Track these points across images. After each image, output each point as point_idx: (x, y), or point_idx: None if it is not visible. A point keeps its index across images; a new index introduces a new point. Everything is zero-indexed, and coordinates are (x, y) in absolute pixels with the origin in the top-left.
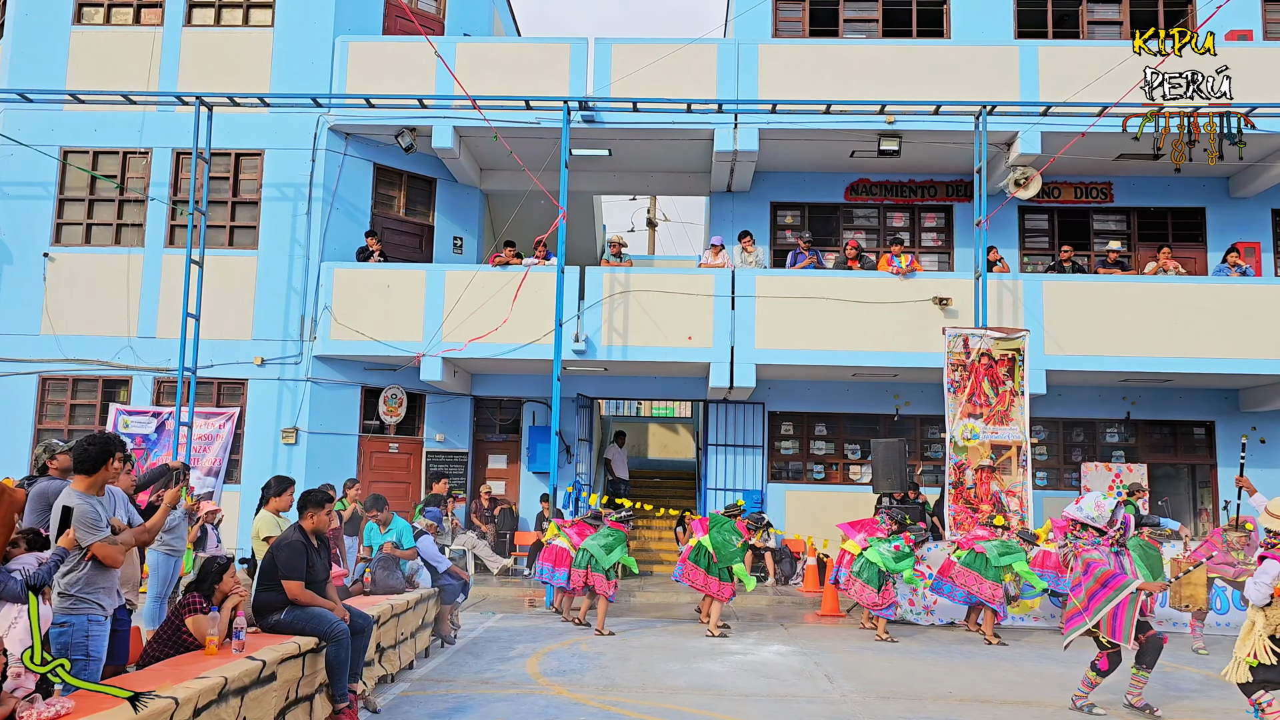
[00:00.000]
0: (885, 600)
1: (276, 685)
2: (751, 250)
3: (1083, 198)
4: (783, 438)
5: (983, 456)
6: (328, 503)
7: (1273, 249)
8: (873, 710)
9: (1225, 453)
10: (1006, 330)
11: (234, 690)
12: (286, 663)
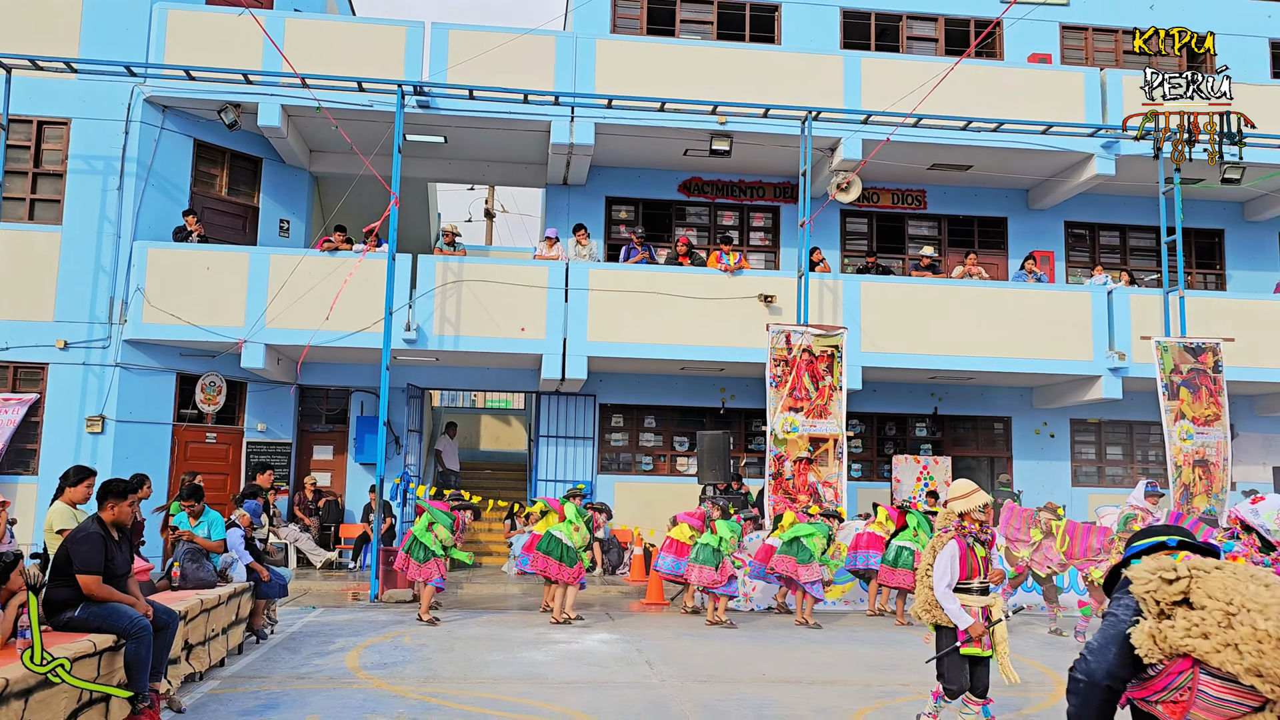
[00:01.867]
0: (723, 577)
1: (67, 686)
2: (586, 243)
3: (899, 204)
4: (613, 429)
5: (801, 449)
6: (130, 493)
7: (1064, 258)
8: (690, 694)
9: (1020, 445)
10: (826, 328)
11: (16, 693)
12: (80, 662)
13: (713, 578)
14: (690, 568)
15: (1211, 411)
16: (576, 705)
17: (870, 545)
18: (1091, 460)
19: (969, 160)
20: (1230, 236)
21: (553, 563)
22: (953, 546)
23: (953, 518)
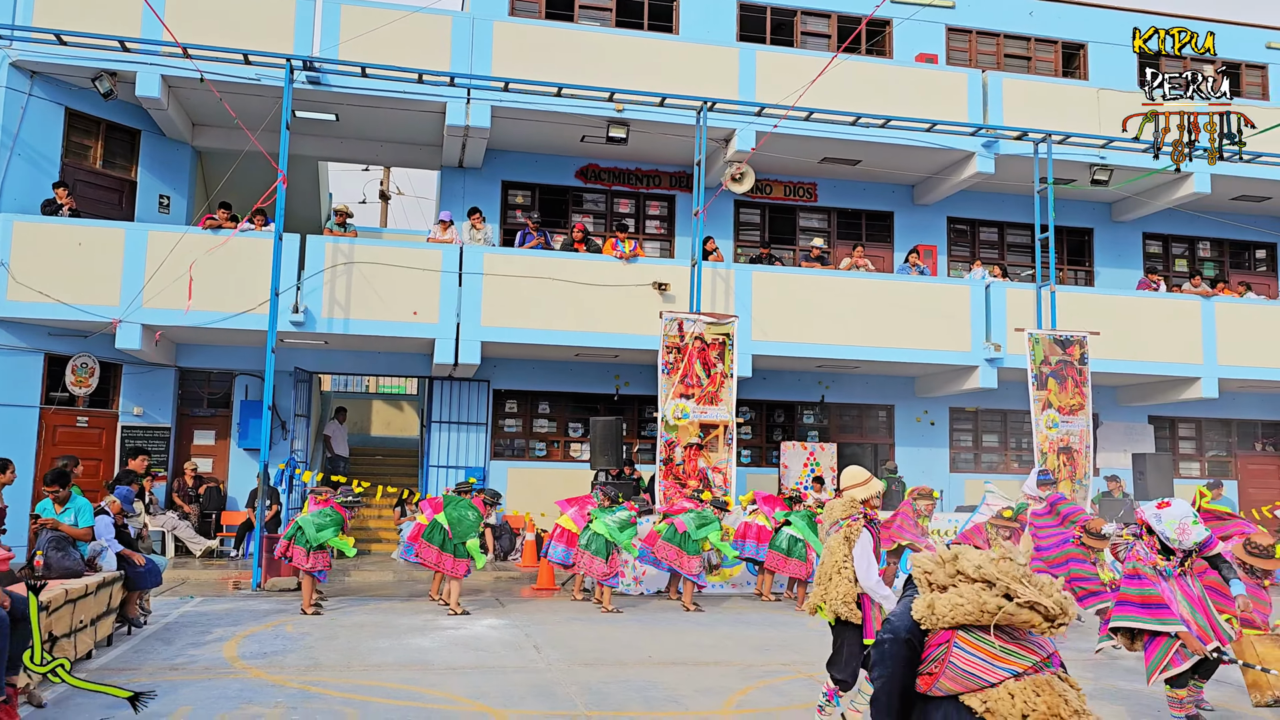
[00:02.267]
0: (613, 569)
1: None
2: (481, 227)
3: (791, 196)
4: (507, 415)
5: (692, 435)
6: None
7: (946, 252)
8: (576, 677)
9: (902, 433)
10: (718, 316)
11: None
12: None
13: (602, 569)
14: (580, 555)
15: (1076, 401)
16: (461, 690)
17: (758, 536)
18: (969, 447)
19: (858, 155)
20: (1099, 235)
21: (445, 557)
22: (867, 536)
23: (856, 506)
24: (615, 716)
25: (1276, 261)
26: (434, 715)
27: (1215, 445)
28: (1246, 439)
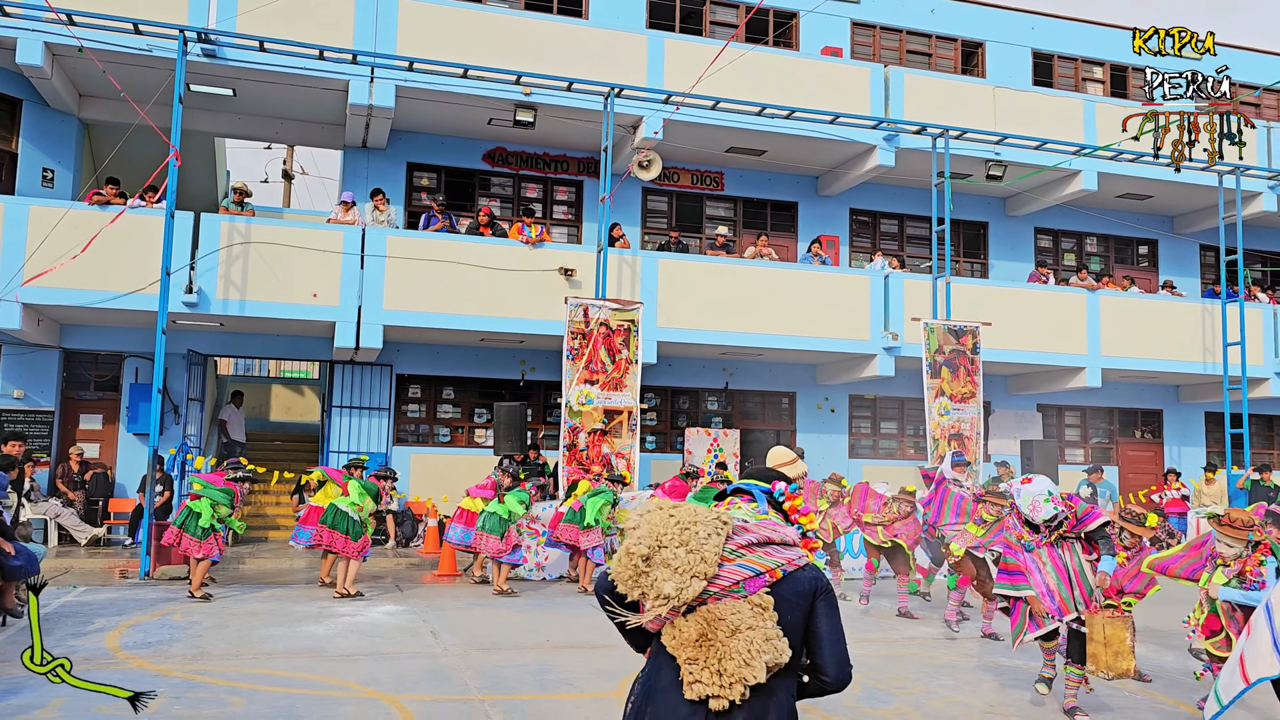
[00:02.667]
0: (508, 545)
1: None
2: (384, 209)
3: (698, 184)
4: (410, 401)
5: (596, 420)
6: None
7: (849, 243)
8: (472, 661)
9: (804, 419)
10: (624, 302)
11: None
12: None
13: (497, 546)
14: (478, 536)
15: (968, 389)
16: (354, 677)
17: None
18: (867, 433)
19: (764, 145)
20: (994, 229)
21: (338, 536)
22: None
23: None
24: (509, 700)
25: (1158, 257)
26: (324, 702)
27: (1098, 433)
28: (1127, 427)
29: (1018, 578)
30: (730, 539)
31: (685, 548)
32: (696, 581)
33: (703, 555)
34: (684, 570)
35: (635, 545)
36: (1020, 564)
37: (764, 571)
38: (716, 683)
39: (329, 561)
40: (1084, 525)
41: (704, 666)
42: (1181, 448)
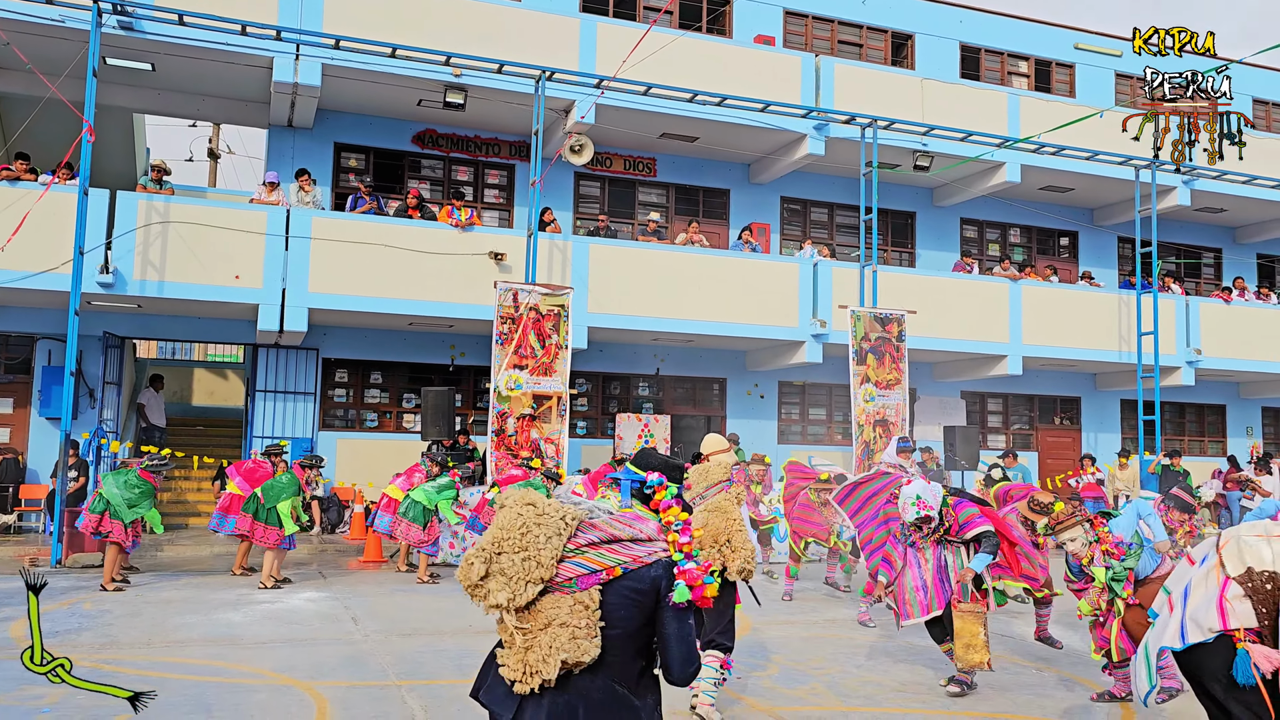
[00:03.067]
0: (430, 537)
1: None
2: (309, 190)
3: (630, 170)
4: (336, 385)
5: (525, 406)
6: None
7: (779, 230)
8: (392, 647)
9: (734, 405)
10: (553, 287)
11: None
12: None
13: (419, 536)
14: (398, 522)
15: (893, 376)
16: (269, 664)
17: None
18: (796, 419)
19: (696, 132)
20: (921, 219)
21: (257, 525)
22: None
23: (730, 470)
24: (427, 685)
25: (1078, 249)
26: (236, 690)
27: (1019, 419)
28: (1047, 413)
29: (886, 566)
30: (573, 538)
31: (523, 554)
32: (531, 587)
33: (539, 560)
34: (518, 578)
35: (475, 555)
36: (899, 556)
37: (600, 569)
38: (519, 672)
39: (245, 550)
40: (964, 533)
41: (513, 653)
42: (1098, 434)
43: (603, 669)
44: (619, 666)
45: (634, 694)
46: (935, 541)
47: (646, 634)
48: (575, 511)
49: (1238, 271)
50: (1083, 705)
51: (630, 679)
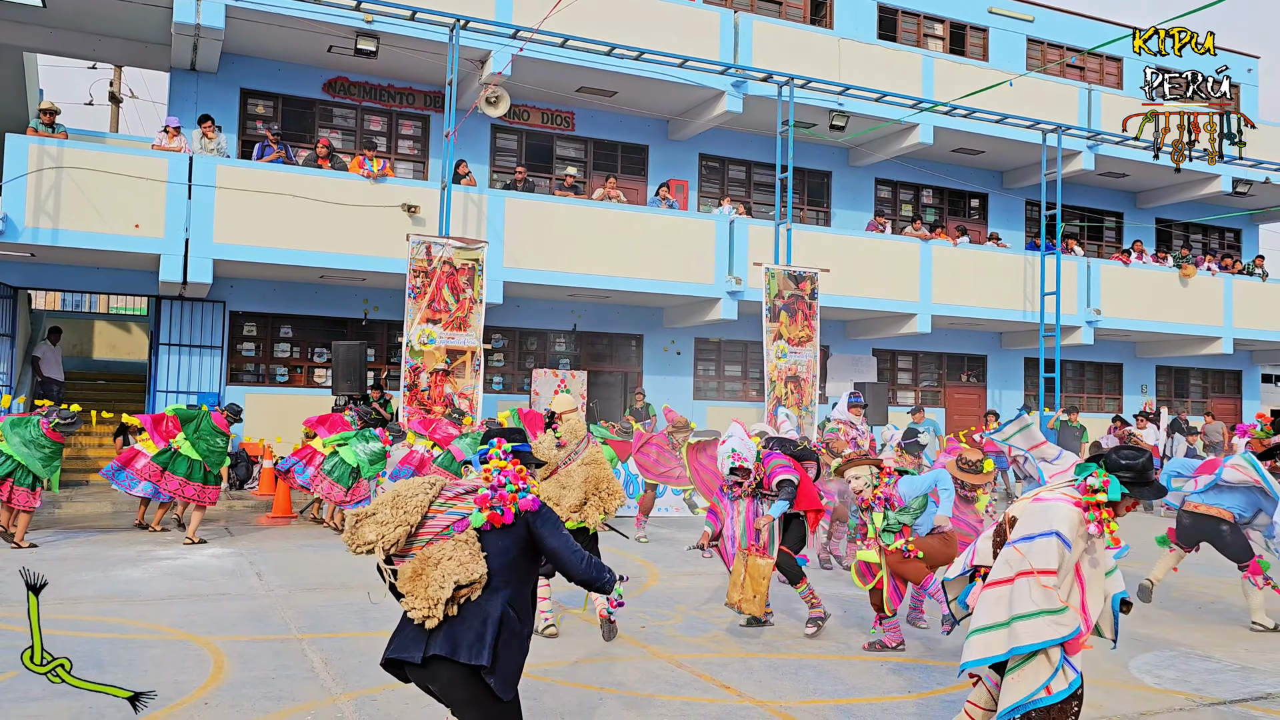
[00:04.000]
0: (354, 498)
1: None
2: (213, 136)
3: (548, 124)
4: (245, 339)
5: (438, 360)
6: None
7: (697, 187)
8: (295, 602)
9: (650, 362)
10: (468, 241)
11: None
12: None
13: (340, 497)
14: (320, 478)
15: (805, 333)
16: (167, 620)
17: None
18: (712, 376)
19: (614, 87)
20: (836, 178)
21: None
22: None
23: (584, 424)
24: (329, 638)
25: (987, 211)
26: (130, 646)
27: (928, 376)
28: (954, 371)
29: (711, 516)
30: (441, 494)
31: (394, 508)
32: (399, 529)
33: (405, 509)
34: (387, 522)
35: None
36: (720, 508)
37: (466, 513)
38: (425, 606)
39: (144, 507)
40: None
41: (415, 595)
42: (1002, 391)
43: (495, 593)
44: (511, 592)
45: (521, 619)
46: (751, 495)
47: (525, 562)
48: (441, 480)
49: (1137, 235)
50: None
51: (521, 604)
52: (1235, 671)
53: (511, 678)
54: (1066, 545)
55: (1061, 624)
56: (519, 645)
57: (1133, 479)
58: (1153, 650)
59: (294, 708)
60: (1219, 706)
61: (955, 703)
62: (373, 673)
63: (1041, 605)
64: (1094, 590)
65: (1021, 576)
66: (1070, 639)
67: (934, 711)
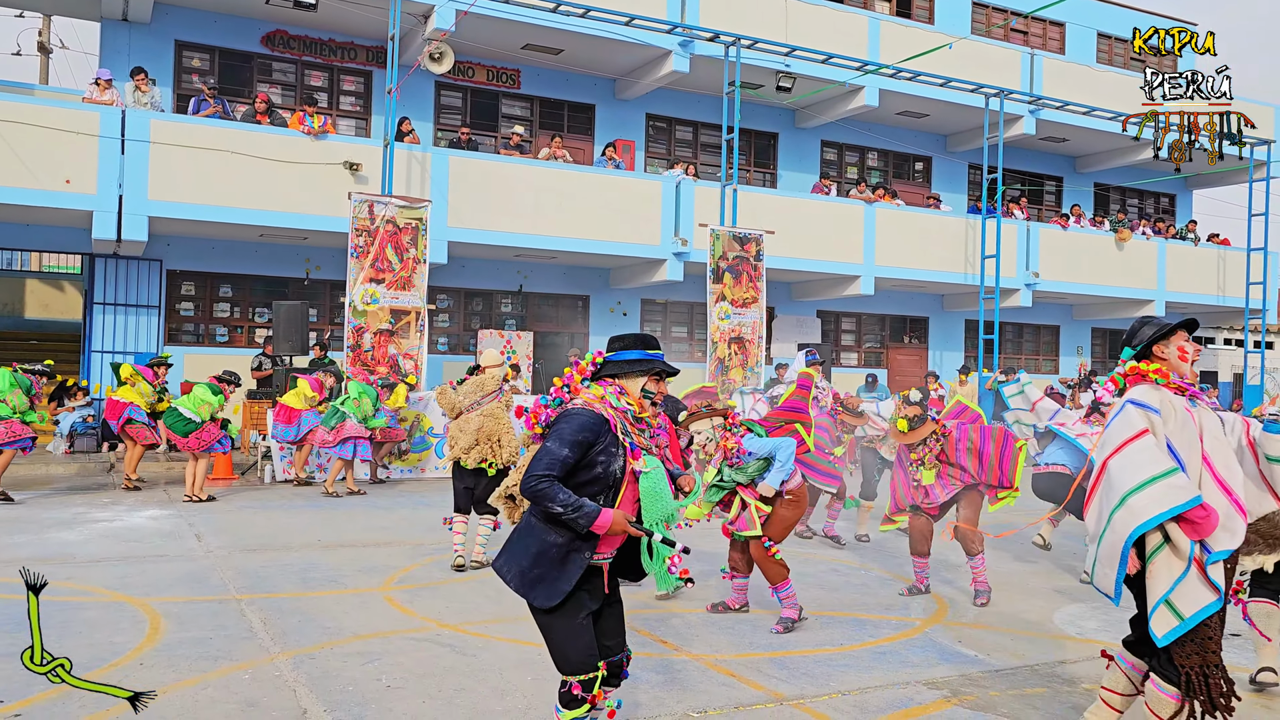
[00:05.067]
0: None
1: None
2: (147, 90)
3: (494, 81)
4: (183, 298)
5: (382, 321)
6: None
7: (645, 148)
8: (235, 563)
9: (597, 323)
10: (411, 199)
11: None
12: None
13: (323, 437)
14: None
15: (750, 295)
16: (103, 582)
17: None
18: (658, 336)
19: (561, 44)
20: (783, 140)
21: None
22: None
23: (500, 380)
24: (267, 599)
25: (931, 174)
26: (64, 608)
27: (871, 338)
28: (897, 332)
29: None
30: None
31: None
32: None
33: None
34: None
35: None
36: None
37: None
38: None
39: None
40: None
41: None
42: (943, 352)
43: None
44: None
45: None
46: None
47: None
48: None
49: (1076, 199)
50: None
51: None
52: None
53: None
54: (1148, 408)
55: (1176, 487)
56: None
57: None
58: (1078, 602)
59: (231, 667)
60: None
61: (885, 654)
62: (312, 631)
63: (1149, 471)
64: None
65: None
66: (1192, 507)
67: (865, 663)
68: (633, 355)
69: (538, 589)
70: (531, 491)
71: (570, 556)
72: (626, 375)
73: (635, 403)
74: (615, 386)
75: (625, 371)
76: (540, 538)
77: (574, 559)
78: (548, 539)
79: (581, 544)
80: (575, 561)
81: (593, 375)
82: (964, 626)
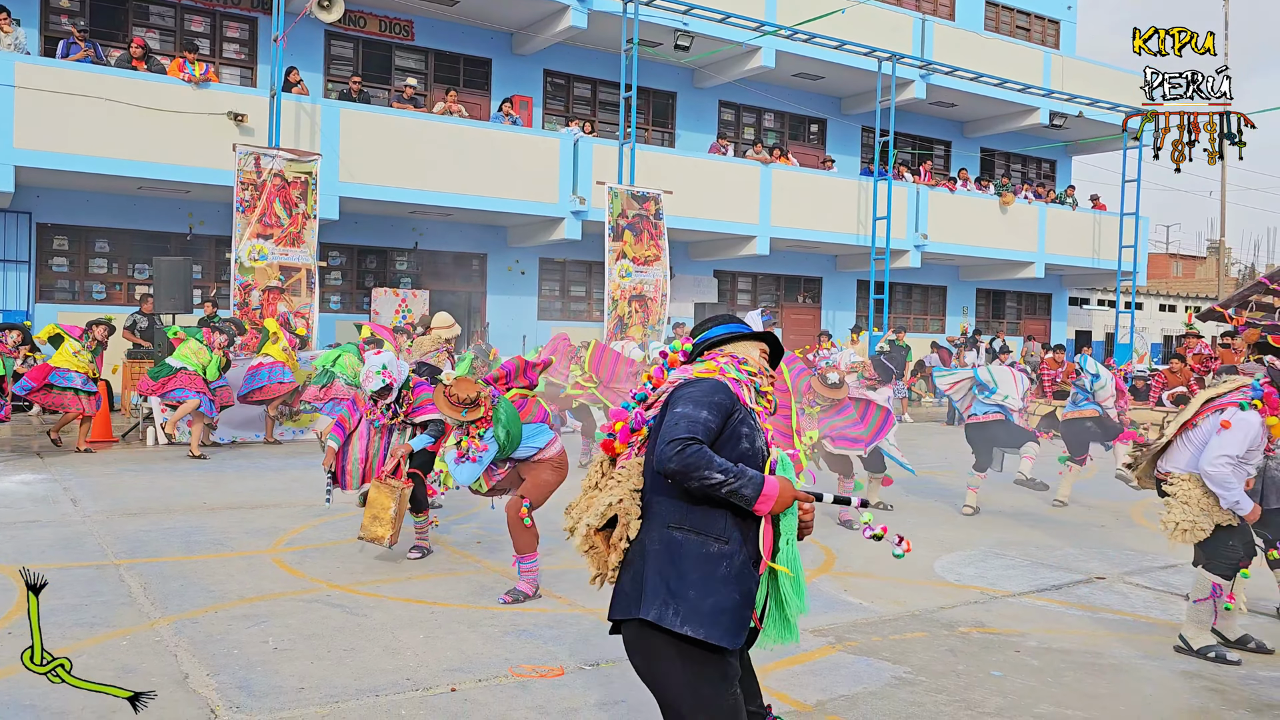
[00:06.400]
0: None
1: None
2: (10, 31)
3: (386, 32)
4: (56, 254)
5: (271, 278)
6: None
7: (542, 105)
8: (113, 528)
9: (494, 282)
10: (300, 153)
11: None
12: None
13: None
14: None
15: (652, 253)
16: None
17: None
18: (556, 296)
19: None
20: (681, 100)
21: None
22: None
23: (441, 342)
24: (148, 563)
25: (826, 136)
26: None
27: (766, 297)
28: (792, 292)
29: (338, 430)
30: None
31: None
32: None
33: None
34: None
35: None
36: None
37: None
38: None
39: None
40: (415, 416)
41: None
42: (836, 312)
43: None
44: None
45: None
46: (388, 424)
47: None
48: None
49: (963, 163)
50: None
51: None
52: (1026, 567)
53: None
54: None
55: None
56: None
57: None
58: (955, 551)
59: (109, 633)
60: (1008, 599)
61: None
62: (195, 595)
63: None
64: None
65: None
66: None
67: None
68: (731, 329)
69: (720, 621)
70: (681, 460)
71: (744, 571)
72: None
73: (758, 366)
74: (727, 356)
75: (730, 343)
76: (698, 551)
77: (747, 573)
78: (710, 550)
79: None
80: (748, 576)
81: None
82: (850, 575)
